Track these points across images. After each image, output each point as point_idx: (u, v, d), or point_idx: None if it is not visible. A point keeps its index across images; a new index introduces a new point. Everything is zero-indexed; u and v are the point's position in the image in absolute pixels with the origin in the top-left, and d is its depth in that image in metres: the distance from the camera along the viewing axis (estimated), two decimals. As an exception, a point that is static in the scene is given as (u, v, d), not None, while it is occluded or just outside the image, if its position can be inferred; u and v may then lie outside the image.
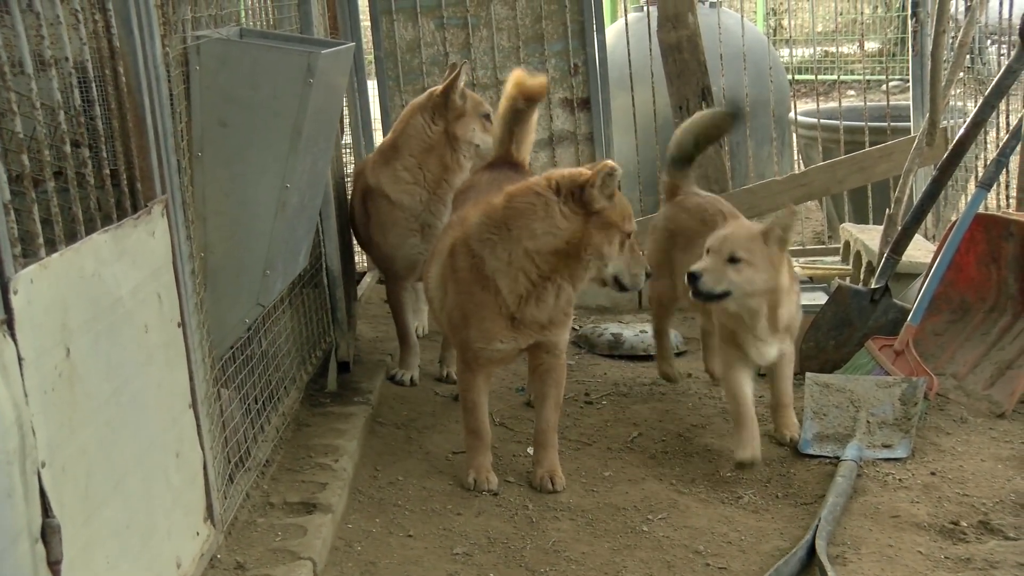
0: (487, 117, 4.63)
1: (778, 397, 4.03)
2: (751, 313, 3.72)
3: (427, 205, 4.64)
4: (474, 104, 4.64)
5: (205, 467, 3.08)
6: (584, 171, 3.51)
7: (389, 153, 4.68)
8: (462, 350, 3.75)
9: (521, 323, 3.59)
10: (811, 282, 5.17)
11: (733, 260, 3.59)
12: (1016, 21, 4.73)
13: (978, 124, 4.57)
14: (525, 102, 4.36)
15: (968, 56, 5.70)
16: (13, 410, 2.07)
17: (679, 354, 5.05)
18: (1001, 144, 4.54)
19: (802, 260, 5.67)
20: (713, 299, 3.66)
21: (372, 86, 6.39)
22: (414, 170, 4.61)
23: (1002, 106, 4.95)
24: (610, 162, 3.48)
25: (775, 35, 11.96)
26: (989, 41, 7.41)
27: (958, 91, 5.81)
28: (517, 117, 4.37)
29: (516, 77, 4.38)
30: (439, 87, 4.67)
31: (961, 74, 5.68)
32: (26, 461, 2.11)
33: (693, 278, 3.61)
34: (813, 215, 7.66)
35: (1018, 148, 4.45)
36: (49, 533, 2.18)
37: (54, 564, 2.20)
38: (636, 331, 5.19)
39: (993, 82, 4.56)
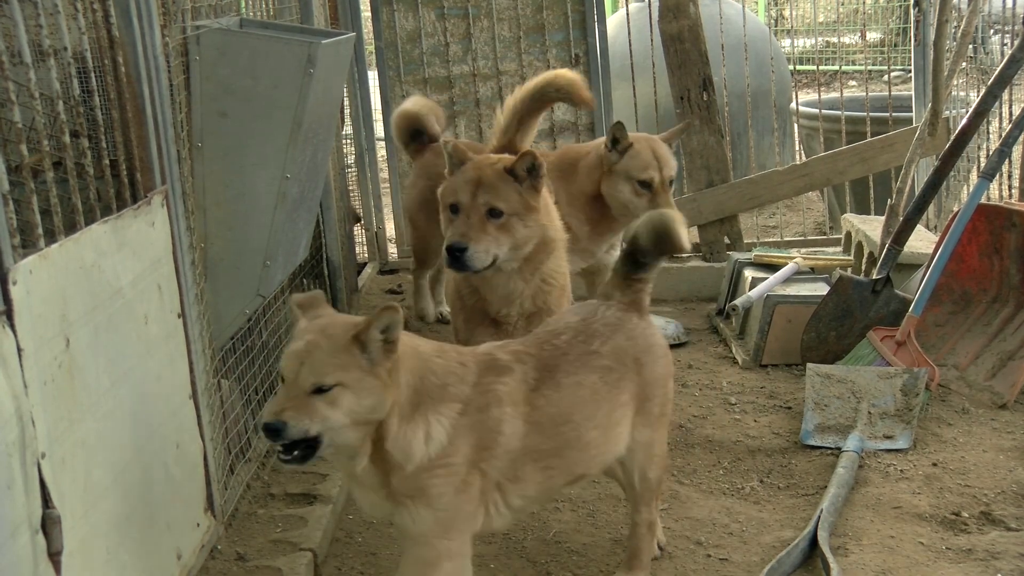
0: (643, 184, 4.29)
1: None
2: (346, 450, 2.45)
3: (589, 235, 4.43)
4: (628, 165, 4.30)
5: (205, 458, 3.08)
6: None
7: (571, 167, 4.46)
8: (456, 343, 3.76)
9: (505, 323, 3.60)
10: (812, 273, 5.16)
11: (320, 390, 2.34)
12: (1020, 10, 4.72)
13: (981, 114, 4.55)
14: (562, 97, 4.36)
15: (971, 46, 5.68)
16: (12, 401, 2.07)
17: (680, 344, 5.05)
18: (1004, 134, 4.52)
19: (804, 251, 5.66)
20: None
21: (373, 76, 6.37)
22: (584, 203, 4.40)
23: (1005, 96, 4.93)
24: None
25: (776, 25, 11.92)
26: (992, 31, 7.38)
27: (960, 81, 5.79)
28: (537, 109, 4.35)
29: (569, 77, 4.35)
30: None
31: (964, 64, 5.66)
32: (26, 452, 2.10)
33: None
34: (815, 206, 7.65)
35: (1021, 138, 4.42)
36: (49, 524, 2.18)
37: (54, 555, 2.20)
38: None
39: (996, 71, 4.54)
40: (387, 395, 2.35)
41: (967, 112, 4.69)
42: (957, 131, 4.62)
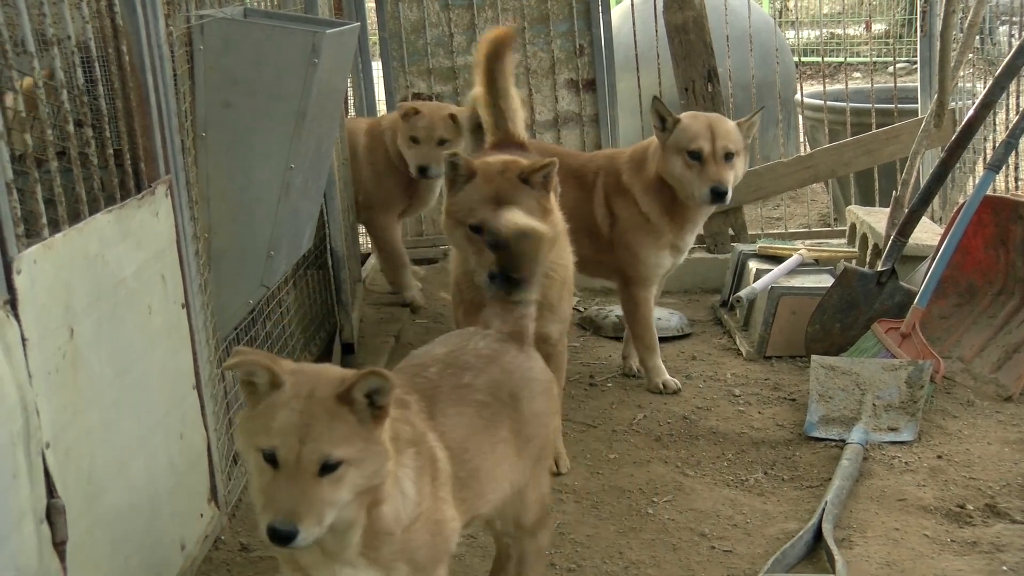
0: (693, 155, 4.11)
1: None
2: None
3: (670, 227, 4.28)
4: (678, 138, 4.16)
5: (209, 449, 3.08)
6: None
7: (643, 157, 4.33)
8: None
9: None
10: (817, 265, 5.14)
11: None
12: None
13: (987, 105, 4.53)
14: (497, 53, 4.25)
15: (977, 37, 5.65)
16: (17, 391, 2.06)
17: (684, 336, 5.04)
18: (1011, 125, 4.49)
19: (808, 242, 5.65)
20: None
21: (377, 67, 6.35)
22: (657, 191, 4.25)
23: (1012, 87, 4.89)
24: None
25: (781, 16, 11.88)
26: (999, 21, 7.34)
27: (967, 72, 5.76)
28: (496, 88, 4.25)
29: (486, 35, 4.28)
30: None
31: (970, 55, 5.63)
32: (30, 442, 2.10)
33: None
34: (819, 197, 7.62)
35: (1027, 129, 4.40)
36: (54, 514, 2.19)
37: (59, 545, 2.20)
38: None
39: (1004, 62, 4.51)
40: (387, 457, 2.03)
41: (974, 103, 4.66)
42: (964, 122, 4.60)
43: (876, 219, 5.18)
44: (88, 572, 2.32)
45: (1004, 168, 4.78)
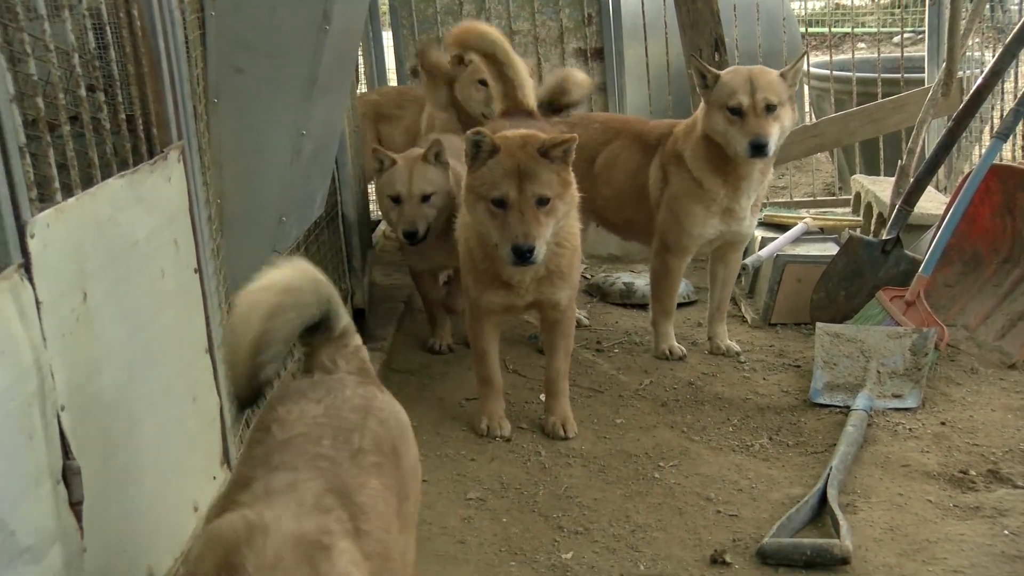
0: (734, 110, 4.01)
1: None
2: None
3: (724, 190, 4.17)
4: (718, 94, 4.06)
5: (222, 412, 3.06)
6: None
7: (693, 124, 4.25)
8: (468, 301, 3.73)
9: (517, 286, 3.56)
10: (822, 233, 5.10)
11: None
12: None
13: (997, 73, 4.47)
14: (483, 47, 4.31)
15: (987, 4, 5.56)
16: (32, 353, 2.05)
17: (690, 303, 5.01)
18: (1019, 94, 4.43)
19: (813, 211, 5.60)
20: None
21: (387, 37, 6.29)
22: (710, 153, 4.14)
23: (1022, 55, 4.82)
24: None
25: (788, -13, 11.72)
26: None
27: (975, 40, 5.68)
28: (496, 68, 4.29)
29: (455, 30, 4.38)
30: None
31: (979, 23, 5.54)
32: (46, 403, 2.09)
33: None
34: (824, 167, 7.56)
35: (1035, 98, 4.34)
36: (70, 474, 2.17)
37: (76, 504, 2.19)
38: (647, 280, 5.14)
39: (1015, 29, 4.44)
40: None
41: (982, 72, 4.60)
42: (972, 90, 4.54)
43: (881, 188, 5.13)
44: (103, 531, 2.31)
45: (1012, 137, 4.71)
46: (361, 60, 5.93)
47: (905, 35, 7.85)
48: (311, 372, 2.28)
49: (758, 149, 3.97)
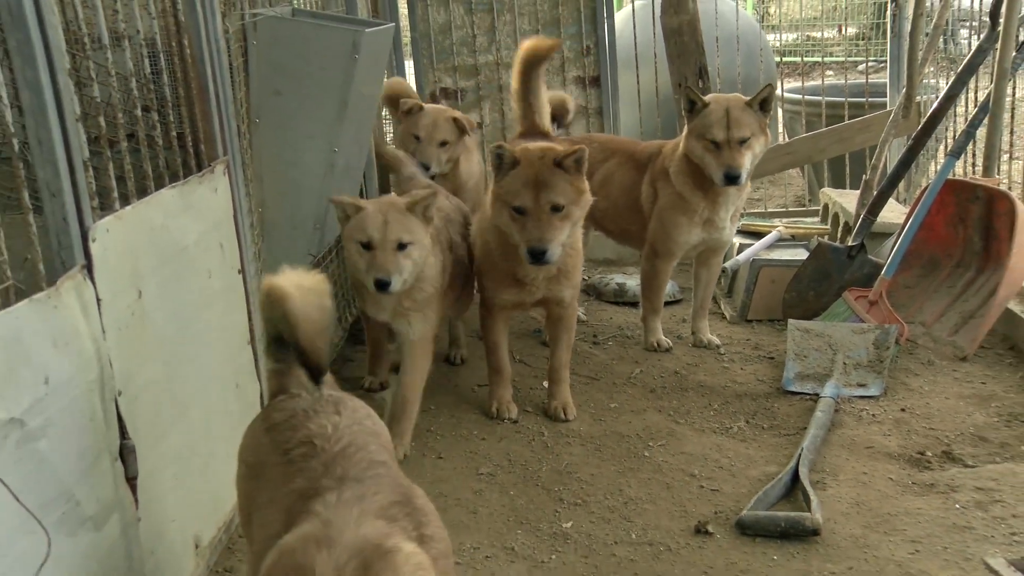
0: (713, 142, 3.95)
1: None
2: None
3: (704, 203, 4.10)
4: (700, 123, 3.99)
5: (262, 397, 3.05)
6: None
7: (678, 145, 4.17)
8: (483, 299, 3.71)
9: (530, 284, 3.54)
10: (794, 240, 5.06)
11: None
12: (986, 6, 4.57)
13: (950, 98, 4.43)
14: (534, 60, 4.22)
15: (941, 38, 5.51)
16: (93, 344, 2.03)
17: (676, 302, 4.97)
18: (970, 117, 4.39)
19: (785, 220, 5.56)
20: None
21: (408, 65, 6.27)
22: (692, 171, 4.08)
23: (971, 83, 4.78)
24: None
25: (764, 21, 11.68)
26: (960, 25, 7.19)
27: (931, 69, 5.63)
28: (528, 86, 4.26)
29: (528, 42, 4.29)
30: None
31: (934, 54, 5.50)
32: (104, 390, 2.08)
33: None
34: (795, 181, 7.51)
35: (985, 120, 4.30)
36: (126, 453, 2.17)
37: (131, 479, 2.18)
38: (638, 281, 5.11)
39: (965, 60, 4.40)
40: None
41: (937, 97, 4.55)
42: (929, 113, 4.50)
43: (847, 200, 5.09)
44: (155, 503, 2.30)
45: (964, 155, 4.67)
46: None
47: (869, 64, 7.80)
48: (286, 390, 2.10)
49: (731, 179, 3.94)
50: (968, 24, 6.47)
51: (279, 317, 2.04)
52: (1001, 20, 4.20)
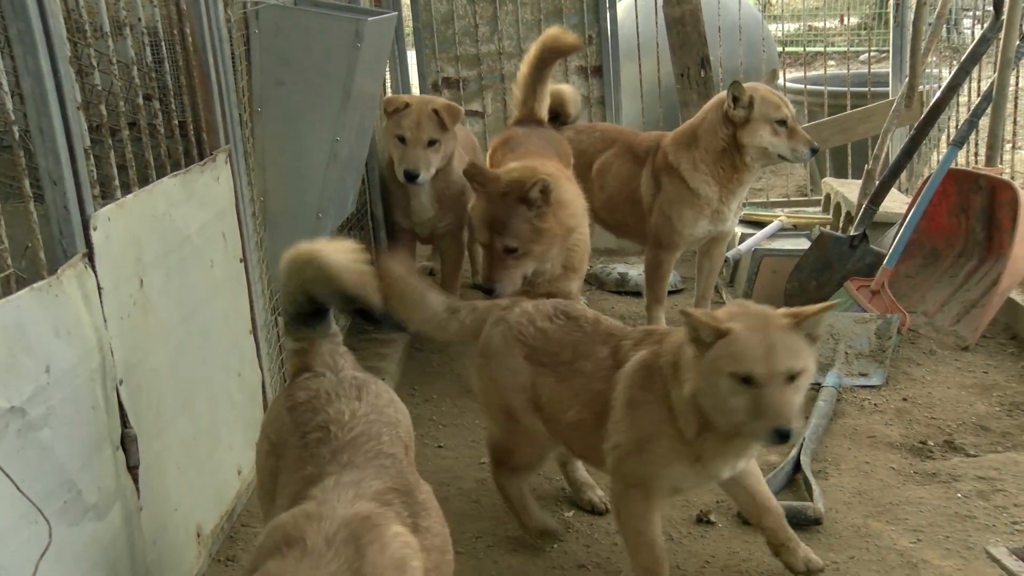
0: (780, 122, 3.93)
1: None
2: None
3: (719, 195, 4.06)
4: (763, 111, 3.92)
5: (264, 386, 3.04)
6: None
7: (690, 139, 4.10)
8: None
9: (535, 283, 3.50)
10: (795, 230, 5.04)
11: None
12: (990, -4, 4.52)
13: (953, 88, 4.39)
14: (553, 54, 4.18)
15: (944, 27, 5.47)
16: (94, 333, 2.02)
17: (678, 291, 4.95)
18: (973, 106, 4.36)
19: (787, 210, 5.53)
20: None
21: (411, 55, 6.24)
22: (710, 164, 4.03)
23: (974, 72, 4.74)
24: None
25: (766, 11, 11.63)
26: (963, 14, 7.14)
27: (933, 59, 5.59)
28: (537, 75, 4.22)
29: (552, 32, 4.21)
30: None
31: (937, 43, 5.46)
32: (106, 379, 2.06)
33: None
34: (797, 171, 7.47)
35: (987, 110, 4.27)
36: (128, 442, 2.16)
37: (133, 468, 2.17)
38: (640, 271, 5.09)
39: (968, 49, 4.37)
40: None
41: (939, 86, 4.52)
42: (932, 103, 4.47)
43: (849, 190, 5.06)
44: (158, 492, 2.29)
45: (966, 144, 4.64)
46: (388, 75, 5.87)
47: (872, 54, 7.76)
48: (310, 368, 2.09)
49: (815, 151, 3.99)
50: (972, 13, 6.42)
51: (311, 279, 2.02)
52: (1005, 9, 4.16)
